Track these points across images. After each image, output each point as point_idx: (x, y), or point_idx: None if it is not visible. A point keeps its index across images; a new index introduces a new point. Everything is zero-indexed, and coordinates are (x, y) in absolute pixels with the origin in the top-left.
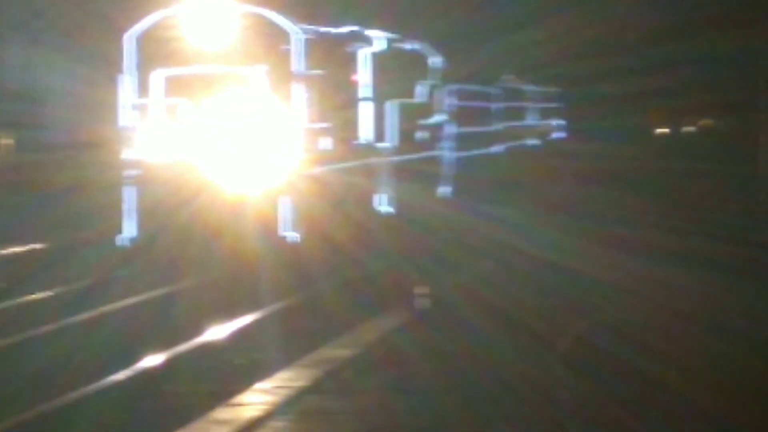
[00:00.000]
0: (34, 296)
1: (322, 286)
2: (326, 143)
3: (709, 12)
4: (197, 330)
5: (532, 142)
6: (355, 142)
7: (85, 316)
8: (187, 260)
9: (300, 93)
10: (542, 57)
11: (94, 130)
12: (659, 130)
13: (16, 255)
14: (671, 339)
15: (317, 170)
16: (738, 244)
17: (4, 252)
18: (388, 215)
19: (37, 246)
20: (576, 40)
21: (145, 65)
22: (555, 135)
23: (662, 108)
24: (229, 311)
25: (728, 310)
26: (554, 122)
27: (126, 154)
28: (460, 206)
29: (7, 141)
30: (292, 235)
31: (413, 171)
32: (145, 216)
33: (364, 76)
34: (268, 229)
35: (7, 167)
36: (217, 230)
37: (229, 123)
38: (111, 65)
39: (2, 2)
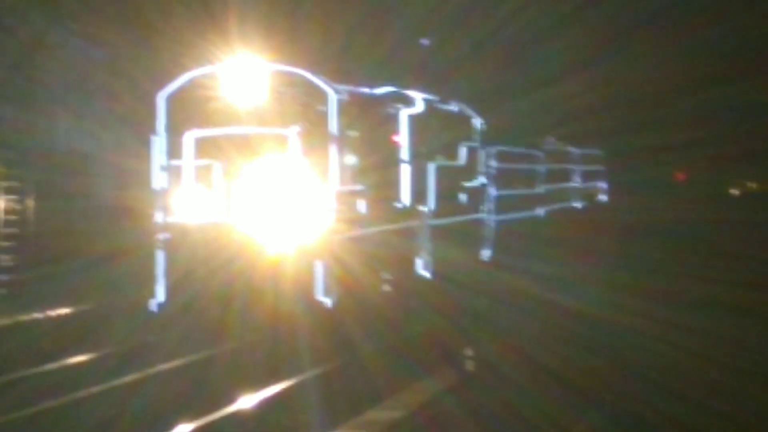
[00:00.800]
0: (73, 360)
1: (362, 350)
2: (363, 206)
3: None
4: (239, 393)
5: (574, 204)
6: (394, 204)
7: (122, 380)
8: (223, 324)
9: (336, 154)
10: (582, 114)
11: (133, 194)
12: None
13: (50, 319)
14: (716, 391)
15: (354, 233)
16: None
17: (38, 317)
18: (428, 278)
19: (70, 310)
20: (615, 95)
21: (178, 126)
22: (597, 197)
23: (697, 160)
24: (269, 374)
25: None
26: (597, 185)
27: (158, 217)
28: (502, 267)
29: (48, 206)
30: (328, 299)
31: (453, 234)
32: (179, 280)
33: (403, 137)
34: (305, 293)
35: (49, 233)
36: (253, 294)
37: (264, 185)
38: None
39: (50, 71)
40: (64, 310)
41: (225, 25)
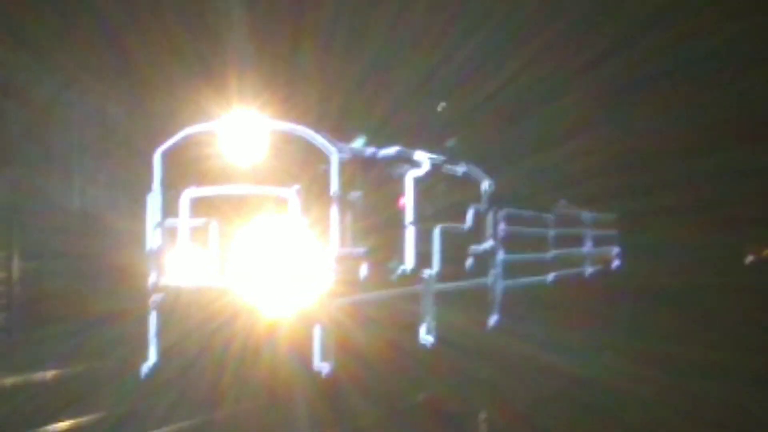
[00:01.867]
0: (56, 427)
1: (362, 418)
2: (364, 269)
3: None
4: None
5: (585, 269)
6: (397, 267)
7: None
8: (217, 389)
9: (337, 215)
10: (594, 176)
11: (129, 254)
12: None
13: (35, 383)
14: None
15: (355, 297)
16: None
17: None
18: (431, 344)
19: (58, 373)
20: (628, 156)
21: (174, 184)
22: (609, 262)
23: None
24: None
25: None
26: (608, 249)
27: (152, 278)
28: (508, 333)
29: (37, 268)
30: (327, 366)
31: (459, 298)
32: (172, 343)
33: (408, 199)
34: (303, 358)
35: (38, 296)
36: (249, 358)
37: (262, 246)
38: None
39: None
40: (50, 373)
41: (223, 79)
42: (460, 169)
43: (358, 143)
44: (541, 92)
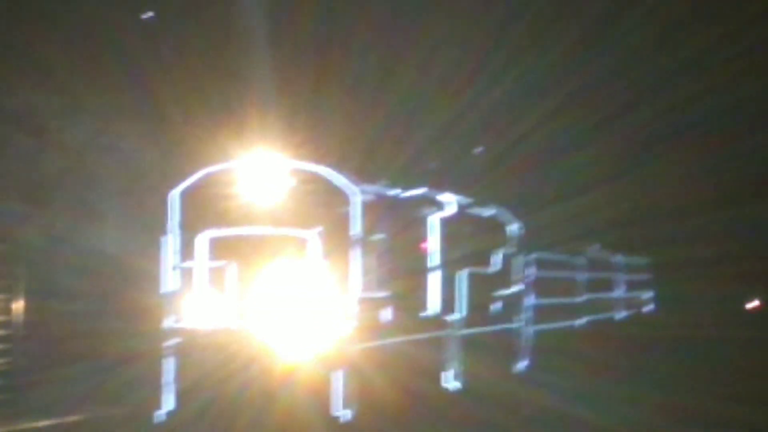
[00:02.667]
0: None
1: None
2: (387, 314)
3: None
4: None
5: (617, 315)
6: (420, 313)
7: None
8: None
9: (358, 259)
10: (627, 221)
11: (138, 297)
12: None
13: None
14: None
15: (376, 343)
16: None
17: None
18: (456, 391)
19: (66, 420)
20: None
21: (190, 225)
22: (643, 308)
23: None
24: None
25: None
26: (642, 294)
27: (167, 321)
28: (536, 381)
29: (49, 310)
30: (346, 414)
31: (486, 344)
32: (188, 388)
33: (432, 242)
34: (322, 405)
35: (48, 339)
36: (267, 405)
37: (281, 289)
38: (159, 228)
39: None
40: (57, 420)
41: (244, 119)
42: (488, 211)
43: (381, 185)
44: (574, 136)
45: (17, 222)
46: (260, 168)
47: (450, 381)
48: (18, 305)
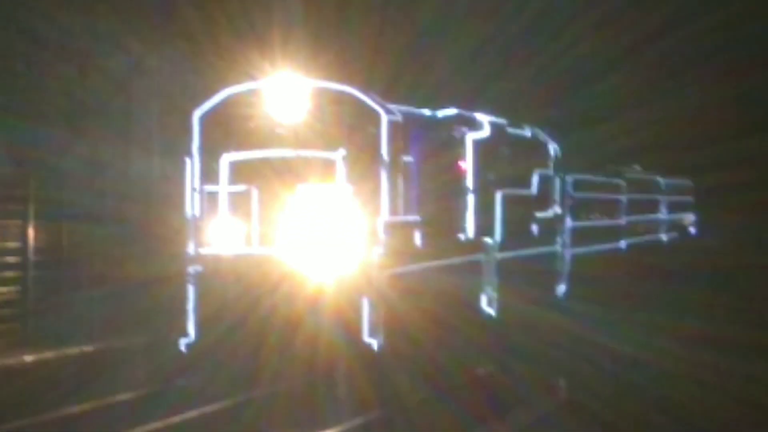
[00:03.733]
0: (85, 407)
1: (410, 398)
2: (418, 238)
3: None
4: None
5: (659, 237)
6: (455, 236)
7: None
8: (258, 366)
9: (387, 181)
10: (669, 143)
11: (166, 220)
12: None
13: (70, 357)
14: None
15: (407, 268)
16: None
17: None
18: (492, 317)
19: (89, 348)
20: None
21: (212, 148)
22: (685, 231)
23: None
24: (305, 425)
25: None
26: (685, 217)
27: (190, 247)
28: (570, 308)
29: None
30: (378, 340)
31: (523, 268)
32: (210, 316)
33: (468, 163)
34: (349, 333)
35: (76, 260)
36: (291, 333)
37: (306, 214)
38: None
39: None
40: (81, 348)
41: (269, 39)
42: (525, 132)
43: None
44: (616, 53)
45: (32, 145)
46: (285, 88)
47: (486, 305)
48: (33, 231)
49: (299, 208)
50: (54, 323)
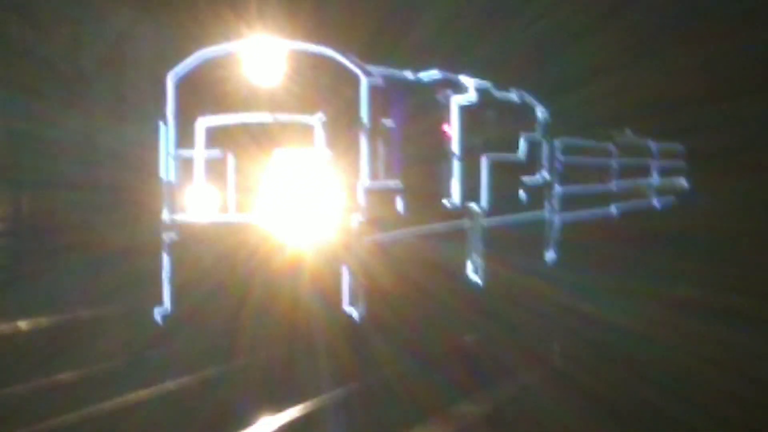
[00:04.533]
0: (56, 378)
1: (392, 369)
2: (400, 204)
3: None
4: (250, 418)
5: (651, 202)
6: (439, 202)
7: (114, 402)
8: (236, 336)
9: (366, 146)
10: (660, 105)
11: (141, 187)
12: None
13: (43, 328)
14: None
15: (388, 235)
16: None
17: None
18: (478, 285)
19: (61, 318)
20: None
21: (187, 112)
22: (678, 195)
23: None
24: (285, 396)
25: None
26: (676, 181)
27: (166, 214)
28: (564, 275)
29: (53, 200)
30: (359, 309)
31: (510, 234)
32: (186, 285)
33: (453, 128)
34: (328, 302)
35: (49, 229)
36: (270, 303)
37: (284, 180)
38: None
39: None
40: (52, 318)
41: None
42: (511, 95)
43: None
44: (603, 11)
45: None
46: (261, 51)
47: (470, 275)
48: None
49: (276, 174)
50: (21, 293)
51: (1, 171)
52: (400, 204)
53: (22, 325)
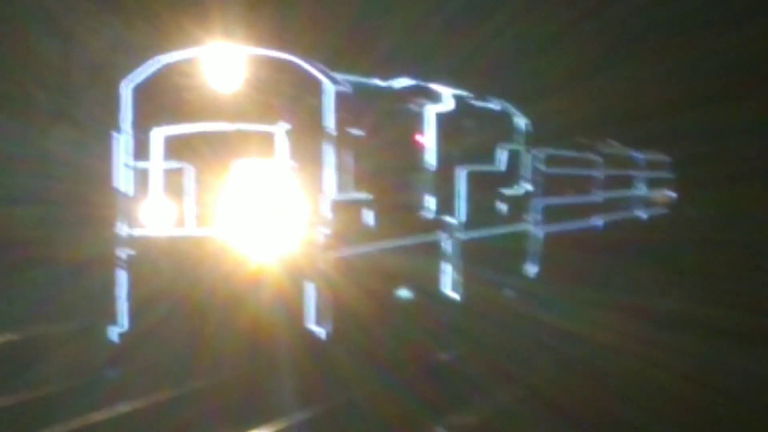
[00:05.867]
0: (3, 399)
1: (361, 389)
2: (370, 217)
3: None
4: None
5: (637, 213)
6: (411, 215)
7: (64, 427)
8: (195, 356)
9: (332, 156)
10: (646, 115)
11: (91, 200)
12: None
13: None
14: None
15: (356, 249)
16: None
17: None
18: (454, 301)
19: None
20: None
21: (144, 122)
22: (663, 206)
23: None
24: (246, 419)
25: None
26: (662, 193)
27: (120, 228)
28: (545, 289)
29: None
30: (326, 328)
31: (488, 248)
32: (143, 302)
33: (428, 138)
34: (292, 320)
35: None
36: (230, 321)
37: (244, 192)
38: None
39: None
40: (2, 336)
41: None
42: (491, 104)
43: (359, 74)
44: (583, 17)
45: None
46: (221, 57)
47: (447, 289)
48: None
49: (238, 186)
50: None
51: None
52: (369, 217)
53: None
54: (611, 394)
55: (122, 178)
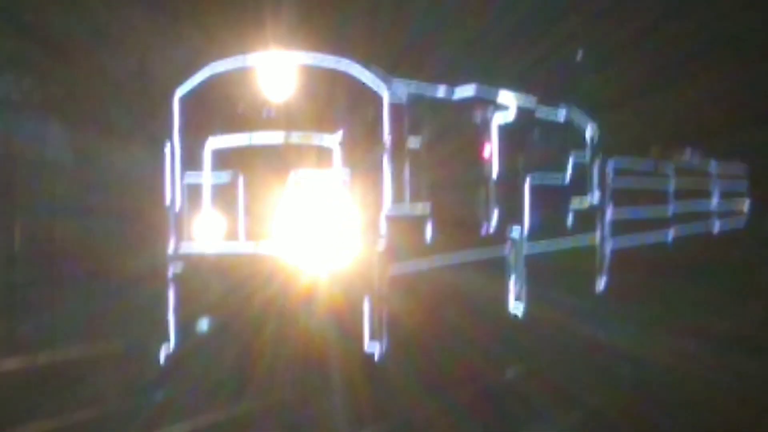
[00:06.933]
0: (48, 422)
1: (417, 412)
2: (429, 232)
3: None
4: None
5: (711, 227)
6: (471, 231)
7: None
8: (245, 377)
9: (391, 168)
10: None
11: (144, 214)
12: None
13: (41, 366)
14: None
15: (413, 265)
16: None
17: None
18: (516, 319)
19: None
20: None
21: (195, 133)
22: (740, 219)
23: None
24: None
25: None
26: (739, 205)
27: (172, 243)
28: (611, 306)
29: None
30: (380, 347)
31: (555, 263)
32: (192, 322)
33: (492, 148)
34: (349, 339)
35: (47, 257)
36: (283, 340)
37: (299, 205)
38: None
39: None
40: (47, 356)
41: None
42: (558, 112)
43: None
44: (662, 24)
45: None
46: (275, 65)
47: (512, 306)
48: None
49: (291, 199)
50: (14, 328)
51: None
52: (428, 230)
53: (12, 363)
54: (673, 419)
55: (173, 191)
